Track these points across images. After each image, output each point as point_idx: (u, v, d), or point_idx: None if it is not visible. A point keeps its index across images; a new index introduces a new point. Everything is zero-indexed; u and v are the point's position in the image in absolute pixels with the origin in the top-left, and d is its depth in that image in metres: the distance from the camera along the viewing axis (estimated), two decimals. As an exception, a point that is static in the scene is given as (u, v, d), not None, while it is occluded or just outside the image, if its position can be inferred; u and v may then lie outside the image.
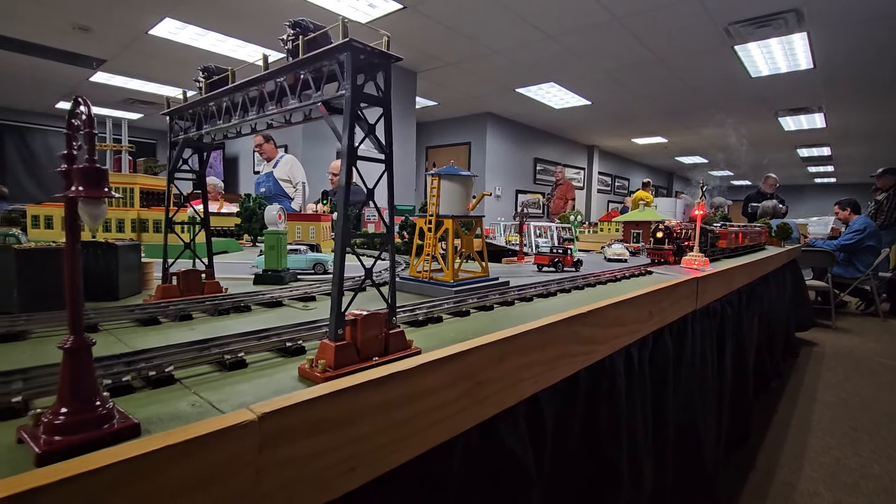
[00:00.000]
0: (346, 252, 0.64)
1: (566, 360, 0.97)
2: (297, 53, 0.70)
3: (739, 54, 5.70)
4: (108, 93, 8.36)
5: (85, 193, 0.40)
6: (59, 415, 0.43)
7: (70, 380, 0.43)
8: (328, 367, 0.61)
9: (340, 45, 0.62)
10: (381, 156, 0.67)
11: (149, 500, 0.38)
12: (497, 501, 0.81)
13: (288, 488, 0.48)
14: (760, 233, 3.72)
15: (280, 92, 0.77)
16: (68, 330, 0.44)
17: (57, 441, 0.41)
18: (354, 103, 0.62)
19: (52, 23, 5.61)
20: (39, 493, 0.34)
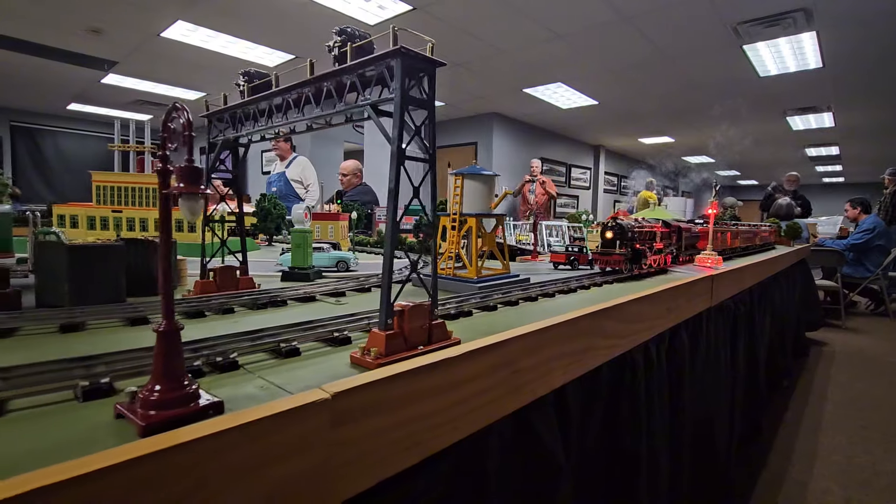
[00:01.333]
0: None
1: (591, 352, 1.01)
2: (345, 59, 0.74)
3: (748, 54, 5.70)
4: (118, 94, 8.45)
5: (185, 189, 0.44)
6: (154, 392, 0.47)
7: (163, 360, 0.47)
8: (380, 353, 0.65)
9: (392, 51, 0.65)
10: (425, 156, 0.71)
11: (244, 468, 0.42)
12: (529, 487, 0.85)
13: (355, 463, 0.52)
14: (755, 233, 3.36)
15: (323, 95, 0.81)
16: (162, 316, 0.48)
17: (153, 415, 0.45)
18: (404, 106, 0.66)
19: (64, 25, 5.70)
20: (147, 460, 0.38)
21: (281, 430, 0.45)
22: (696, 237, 2.26)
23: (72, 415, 0.48)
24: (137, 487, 0.36)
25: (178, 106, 0.45)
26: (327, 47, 0.77)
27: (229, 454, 0.41)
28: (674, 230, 1.95)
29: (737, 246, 2.87)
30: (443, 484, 0.67)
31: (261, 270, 1.65)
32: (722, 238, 2.59)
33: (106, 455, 0.36)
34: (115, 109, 9.52)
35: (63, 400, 0.51)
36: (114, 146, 2.23)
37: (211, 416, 0.49)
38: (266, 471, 0.44)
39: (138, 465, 0.36)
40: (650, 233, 1.75)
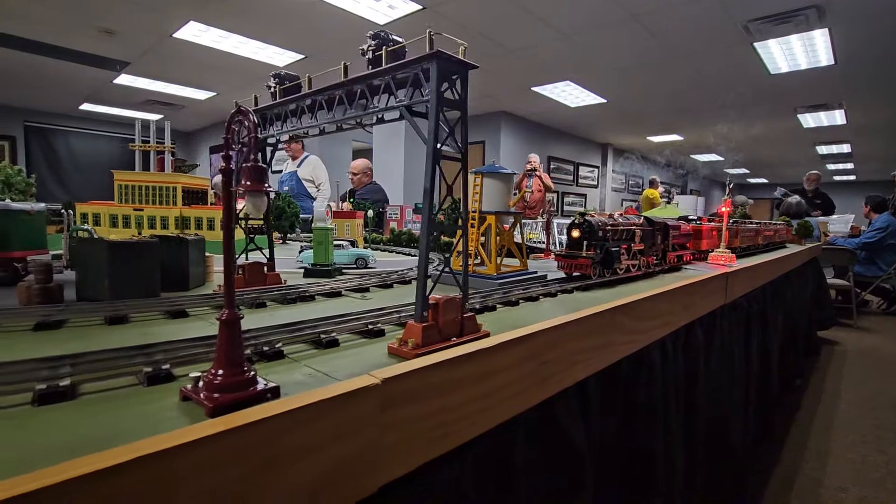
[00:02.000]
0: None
1: (611, 347, 1.04)
2: (380, 62, 0.76)
3: (759, 51, 5.67)
4: (129, 94, 8.55)
5: (251, 187, 0.48)
6: (217, 376, 0.50)
7: (226, 347, 0.50)
8: (416, 344, 0.68)
9: (428, 54, 0.68)
10: (458, 155, 0.74)
11: (306, 448, 0.46)
12: (554, 477, 0.88)
13: (399, 446, 0.56)
14: (759, 231, 3.09)
15: (357, 96, 0.84)
16: (224, 305, 0.51)
17: (217, 398, 0.49)
18: (439, 107, 0.69)
19: (78, 27, 5.78)
20: (224, 437, 0.41)
21: (337, 412, 0.48)
22: (687, 236, 2.01)
23: (141, 397, 0.52)
24: (216, 463, 0.39)
25: (243, 110, 0.48)
26: (361, 51, 0.80)
27: (294, 433, 0.45)
28: (657, 228, 1.71)
29: (735, 246, 2.61)
30: (474, 472, 0.70)
31: (282, 267, 1.68)
32: (708, 238, 2.30)
33: (187, 431, 0.39)
34: (127, 109, 9.64)
35: (128, 385, 0.55)
36: (135, 146, 2.28)
37: (269, 399, 0.52)
38: (322, 451, 0.47)
39: (217, 442, 0.40)
40: (627, 231, 1.52)
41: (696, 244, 2.11)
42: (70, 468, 0.33)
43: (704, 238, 2.15)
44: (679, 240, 1.93)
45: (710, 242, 2.24)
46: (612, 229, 1.44)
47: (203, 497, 0.38)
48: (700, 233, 2.12)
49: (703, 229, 2.15)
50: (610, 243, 1.41)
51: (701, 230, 2.13)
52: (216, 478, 0.39)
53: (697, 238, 2.11)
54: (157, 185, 2.25)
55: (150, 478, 0.35)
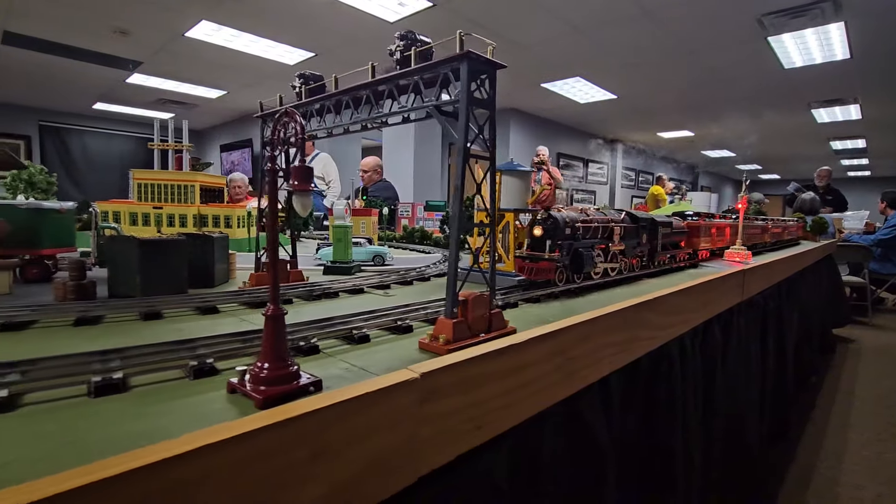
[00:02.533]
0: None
1: (634, 343, 1.04)
2: (408, 63, 0.78)
3: (773, 45, 5.60)
4: (142, 93, 8.64)
5: (298, 187, 0.49)
6: (263, 370, 0.52)
7: (271, 341, 0.52)
8: (448, 340, 0.69)
9: (459, 55, 0.69)
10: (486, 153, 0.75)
11: (352, 438, 0.47)
12: (579, 471, 0.89)
13: (436, 438, 0.57)
14: (765, 229, 2.91)
15: (385, 95, 0.85)
16: (269, 301, 0.53)
17: (264, 390, 0.50)
18: (469, 107, 0.70)
19: (93, 27, 5.85)
20: (280, 427, 0.42)
21: (380, 405, 0.50)
22: (681, 234, 1.81)
23: (190, 389, 0.54)
24: (270, 452, 0.41)
25: (290, 111, 0.49)
26: (389, 51, 0.81)
27: (342, 425, 0.46)
28: (643, 225, 1.53)
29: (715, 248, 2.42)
30: (507, 464, 0.71)
31: (301, 265, 1.70)
32: (719, 234, 2.17)
33: (246, 422, 0.40)
34: (139, 108, 9.74)
35: (175, 378, 0.57)
36: (153, 145, 2.31)
37: (312, 392, 0.54)
38: (366, 442, 0.49)
39: (273, 431, 0.41)
40: (604, 228, 1.32)
41: (695, 242, 1.92)
42: (141, 455, 0.34)
43: (701, 236, 1.96)
44: (671, 238, 1.73)
45: (713, 241, 2.07)
46: (584, 226, 1.23)
47: (259, 484, 0.40)
48: (698, 230, 1.93)
49: (700, 226, 1.95)
50: (580, 242, 1.21)
51: (698, 227, 1.93)
52: (270, 466, 0.41)
53: (696, 236, 1.91)
54: (175, 184, 2.28)
55: (213, 465, 0.37)
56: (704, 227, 2.00)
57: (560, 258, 1.16)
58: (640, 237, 1.53)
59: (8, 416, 0.46)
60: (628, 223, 1.46)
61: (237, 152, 10.72)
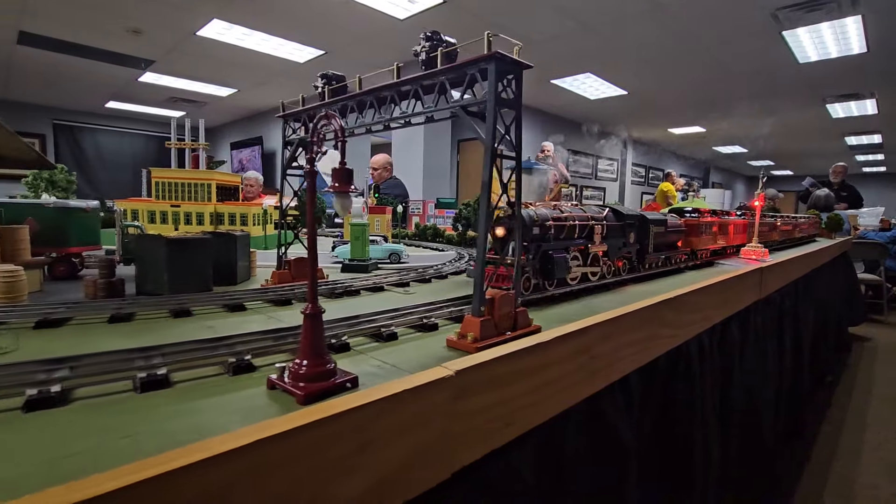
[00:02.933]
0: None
1: (655, 342, 1.05)
2: (433, 63, 0.78)
3: (787, 40, 5.52)
4: (154, 92, 8.73)
5: (339, 188, 0.50)
6: (302, 367, 0.53)
7: (310, 338, 0.53)
8: (475, 338, 0.70)
9: (487, 55, 0.70)
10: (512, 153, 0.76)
11: (392, 433, 0.48)
12: (602, 469, 0.90)
13: (468, 436, 0.58)
14: (774, 226, 2.79)
15: (411, 95, 0.86)
16: (307, 300, 0.54)
17: (304, 387, 0.52)
18: (497, 107, 0.70)
19: (106, 27, 5.92)
20: (324, 423, 0.44)
21: (418, 401, 0.51)
22: (677, 233, 1.65)
23: (230, 385, 0.55)
24: (317, 446, 0.42)
25: (330, 113, 0.50)
26: (414, 52, 0.82)
27: (383, 420, 0.47)
28: (631, 223, 1.37)
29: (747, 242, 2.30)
30: (533, 460, 0.72)
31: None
32: (722, 232, 2.02)
33: (295, 416, 0.42)
34: (151, 107, 9.84)
35: (214, 374, 0.58)
36: (171, 143, 2.34)
37: (349, 388, 0.55)
38: (405, 438, 0.50)
39: (320, 427, 0.42)
40: (582, 227, 1.15)
41: (694, 242, 1.76)
42: (204, 448, 0.36)
43: (701, 235, 1.82)
44: (665, 237, 1.57)
45: (715, 240, 1.93)
46: (557, 225, 1.07)
47: (312, 475, 0.41)
48: (697, 229, 1.78)
49: (700, 224, 1.80)
50: (552, 244, 1.06)
51: (697, 225, 1.78)
52: (322, 458, 0.42)
53: (695, 235, 1.77)
54: (192, 182, 2.31)
55: (272, 457, 0.38)
56: (705, 224, 1.82)
57: (526, 263, 1.00)
58: (627, 236, 1.36)
59: (63, 410, 0.47)
60: (612, 220, 1.29)
61: (247, 150, 10.79)
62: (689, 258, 1.77)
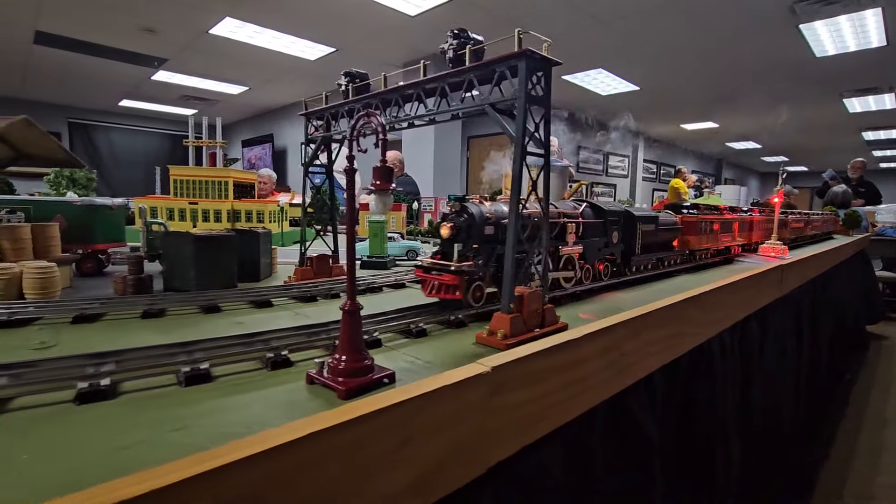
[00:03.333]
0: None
1: (679, 339, 1.04)
2: (461, 61, 0.78)
3: (804, 33, 5.43)
4: (166, 90, 8.81)
5: (380, 186, 0.51)
6: (341, 362, 0.54)
7: (349, 334, 0.54)
8: (505, 334, 0.70)
9: (518, 52, 0.70)
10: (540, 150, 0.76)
11: (430, 428, 0.49)
12: (627, 465, 0.90)
13: (502, 431, 0.58)
14: (785, 223, 2.55)
15: (438, 92, 0.86)
16: (347, 297, 0.55)
17: (342, 382, 0.52)
18: (528, 105, 0.70)
19: (121, 26, 5.98)
20: (369, 418, 0.44)
21: (457, 396, 0.51)
22: (671, 231, 1.49)
23: (270, 380, 0.56)
24: (362, 441, 0.43)
25: (371, 111, 0.51)
26: (441, 49, 0.82)
27: (423, 416, 0.48)
28: (614, 220, 1.21)
29: (754, 241, 2.18)
30: (563, 457, 0.73)
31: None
32: (724, 230, 1.85)
33: (342, 412, 0.42)
34: (164, 105, 9.94)
35: (253, 369, 0.59)
36: (188, 141, 2.37)
37: (386, 384, 0.55)
38: (444, 433, 0.51)
39: (368, 421, 0.43)
40: (552, 225, 0.99)
41: (691, 241, 1.60)
42: (256, 442, 0.36)
43: (701, 233, 1.66)
44: (657, 236, 1.40)
45: (717, 240, 1.76)
46: (535, 220, 0.86)
47: (359, 468, 0.42)
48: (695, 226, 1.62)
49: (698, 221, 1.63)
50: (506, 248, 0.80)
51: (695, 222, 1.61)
52: (367, 452, 0.43)
53: (693, 233, 1.61)
54: (209, 180, 2.33)
55: (321, 450, 0.39)
56: (704, 222, 1.64)
57: (475, 269, 0.85)
58: (609, 235, 1.20)
59: (113, 403, 0.49)
60: (590, 217, 1.13)
61: (258, 147, 10.86)
62: (687, 259, 1.59)
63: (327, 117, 1.13)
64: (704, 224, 1.66)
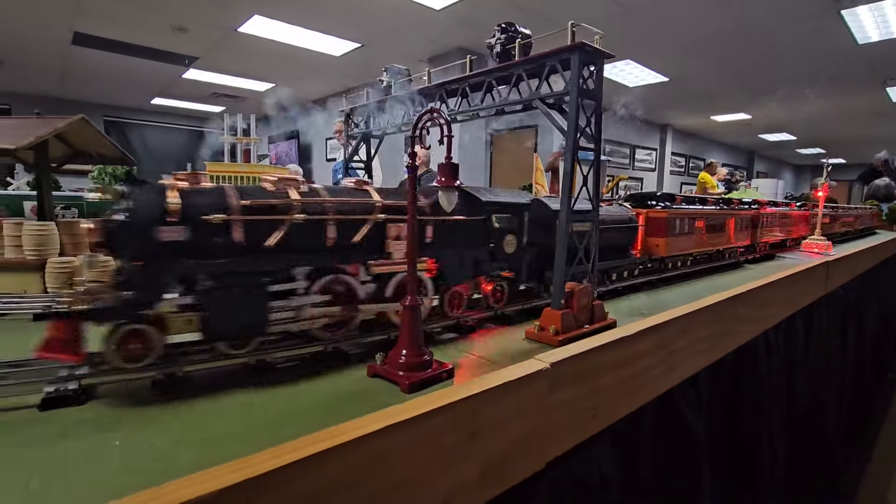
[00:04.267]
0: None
1: (726, 336, 1.02)
2: (509, 56, 0.78)
3: (846, 19, 5.19)
4: (196, 88, 9.02)
5: (445, 183, 0.51)
6: (402, 356, 0.55)
7: (409, 329, 0.55)
8: (557, 330, 0.70)
9: (571, 46, 0.69)
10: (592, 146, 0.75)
11: (496, 423, 0.49)
12: (675, 465, 0.89)
13: (560, 426, 0.59)
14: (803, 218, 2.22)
15: (476, 88, 0.86)
16: (407, 292, 0.55)
17: (407, 376, 0.53)
18: (579, 99, 0.70)
19: (153, 26, 6.14)
20: (442, 411, 0.45)
21: (518, 392, 0.52)
22: (623, 231, 1.10)
23: (332, 371, 0.57)
24: (438, 431, 0.44)
25: (435, 109, 0.51)
26: (488, 44, 0.82)
27: (489, 409, 0.48)
28: (505, 216, 0.83)
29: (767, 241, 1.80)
30: (610, 455, 0.72)
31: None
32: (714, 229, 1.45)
33: (416, 404, 0.43)
34: (194, 102, 10.18)
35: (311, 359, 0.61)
36: (225, 138, 2.43)
37: (445, 378, 0.56)
38: (510, 426, 0.51)
39: (441, 414, 0.44)
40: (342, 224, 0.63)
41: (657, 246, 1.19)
42: (343, 431, 0.38)
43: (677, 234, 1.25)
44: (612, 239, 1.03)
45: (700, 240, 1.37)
46: (248, 221, 0.57)
47: (432, 459, 0.43)
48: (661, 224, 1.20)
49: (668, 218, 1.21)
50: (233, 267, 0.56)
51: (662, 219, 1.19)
52: (440, 444, 0.44)
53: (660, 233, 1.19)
54: (245, 176, 2.38)
55: (392, 446, 0.40)
56: (679, 219, 1.23)
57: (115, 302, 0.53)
58: (500, 242, 0.82)
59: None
60: (454, 212, 0.71)
61: (284, 144, 11.03)
62: (656, 269, 1.21)
63: (368, 114, 1.14)
64: (679, 222, 1.22)
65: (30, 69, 7.88)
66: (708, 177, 6.45)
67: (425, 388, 0.52)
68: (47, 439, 0.41)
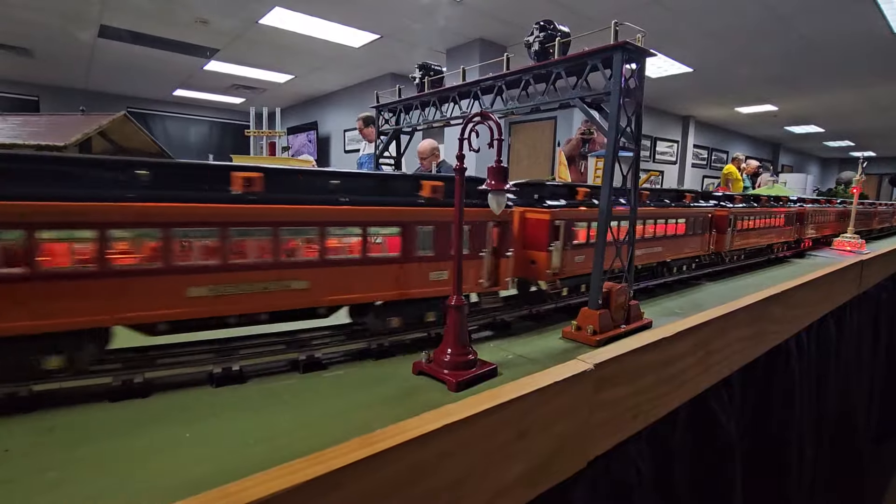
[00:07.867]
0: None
1: (761, 337, 1.01)
2: (547, 54, 0.77)
3: (882, 7, 5.00)
4: (217, 80, 9.13)
5: (495, 186, 0.52)
6: (446, 354, 0.56)
7: (455, 329, 0.56)
8: (594, 330, 0.70)
9: (614, 45, 0.68)
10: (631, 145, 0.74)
11: (544, 421, 0.50)
12: (707, 464, 0.88)
13: (603, 426, 0.59)
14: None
15: (512, 85, 0.85)
16: (452, 292, 0.56)
17: (453, 374, 0.54)
18: (621, 98, 0.69)
19: (177, 18, 6.22)
20: (494, 411, 0.46)
21: (564, 392, 0.52)
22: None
23: (379, 370, 0.59)
24: (489, 431, 0.45)
25: (485, 112, 0.52)
26: (526, 42, 0.81)
27: (538, 409, 0.49)
28: None
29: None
30: (646, 454, 0.73)
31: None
32: None
33: (467, 405, 0.44)
34: (215, 94, 10.31)
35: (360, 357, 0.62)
36: (250, 132, 2.46)
37: (489, 377, 0.57)
38: (556, 425, 0.52)
39: (492, 413, 0.45)
40: None
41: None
42: (413, 426, 0.39)
43: None
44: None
45: None
46: None
47: (480, 461, 0.44)
48: None
49: None
50: None
51: None
52: (490, 443, 0.44)
53: None
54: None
55: (459, 441, 0.41)
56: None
57: None
58: None
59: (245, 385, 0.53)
60: None
61: (302, 135, 11.10)
62: None
63: (399, 109, 1.15)
64: None
65: (58, 62, 8.06)
66: (732, 168, 6.27)
67: (471, 386, 0.53)
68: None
